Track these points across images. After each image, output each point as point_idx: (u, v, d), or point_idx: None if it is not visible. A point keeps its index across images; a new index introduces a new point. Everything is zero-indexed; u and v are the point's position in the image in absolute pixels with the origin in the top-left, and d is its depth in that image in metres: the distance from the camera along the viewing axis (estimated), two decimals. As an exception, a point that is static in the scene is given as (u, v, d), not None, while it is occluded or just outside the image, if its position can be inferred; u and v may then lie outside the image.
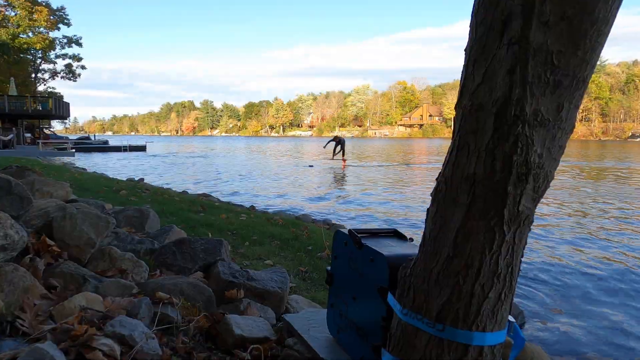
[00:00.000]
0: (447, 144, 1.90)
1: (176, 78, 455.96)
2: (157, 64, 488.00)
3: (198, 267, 4.02)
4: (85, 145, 54.10)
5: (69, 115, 56.15)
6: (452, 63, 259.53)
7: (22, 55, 58.99)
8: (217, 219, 8.23)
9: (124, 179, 19.07)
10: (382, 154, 53.36)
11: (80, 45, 64.85)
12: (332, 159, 33.70)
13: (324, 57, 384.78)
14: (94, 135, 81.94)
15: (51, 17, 58.82)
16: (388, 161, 39.02)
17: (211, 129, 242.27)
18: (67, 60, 65.14)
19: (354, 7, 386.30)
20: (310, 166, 31.58)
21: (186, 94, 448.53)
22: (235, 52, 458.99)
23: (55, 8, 59.84)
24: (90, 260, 3.67)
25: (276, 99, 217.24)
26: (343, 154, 32.72)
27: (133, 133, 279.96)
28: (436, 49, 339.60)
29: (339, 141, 32.88)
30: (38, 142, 42.10)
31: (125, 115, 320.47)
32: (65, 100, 52.69)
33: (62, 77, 66.37)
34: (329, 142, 33.61)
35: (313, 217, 11.56)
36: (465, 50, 1.81)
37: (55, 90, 67.98)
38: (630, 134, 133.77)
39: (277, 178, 24.06)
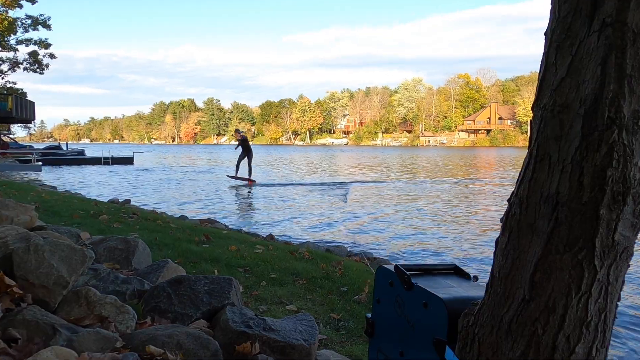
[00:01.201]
0: (522, 154, 1.91)
1: (172, 69, 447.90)
2: (147, 50, 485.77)
3: (200, 313, 4.05)
4: (56, 157, 54.75)
5: (34, 118, 56.96)
6: (529, 50, 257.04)
7: (-28, 42, 59.86)
8: (225, 252, 8.28)
9: (105, 200, 19.28)
10: (437, 167, 53.11)
11: (48, 27, 65.28)
12: (236, 177, 31.88)
13: (364, 43, 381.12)
14: (66, 144, 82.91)
15: (11, -9, 59.53)
16: (445, 176, 38.86)
17: (217, 135, 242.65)
18: (32, 47, 65.79)
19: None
20: (344, 192, 29.35)
21: (185, 91, 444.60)
22: (249, 35, 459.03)
23: (16, -20, 60.57)
24: (61, 305, 3.71)
25: (301, 96, 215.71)
26: (250, 171, 30.90)
27: (117, 141, 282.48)
28: (508, 31, 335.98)
29: (245, 145, 31.04)
30: (-5, 153, 42.72)
31: (106, 118, 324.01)
32: (29, 98, 53.42)
33: (25, 69, 66.90)
34: (240, 153, 31.29)
35: (349, 249, 11.56)
36: (545, 33, 1.83)
37: (17, 86, 68.70)
38: None
39: (303, 199, 24.07)
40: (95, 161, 55.32)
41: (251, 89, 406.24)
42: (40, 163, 43.55)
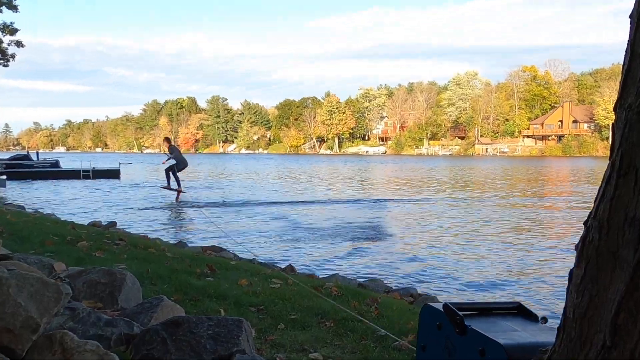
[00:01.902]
0: (602, 166, 1.90)
1: (169, 61, 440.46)
2: (138, 39, 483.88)
3: (203, 363, 4.06)
4: (24, 169, 55.08)
5: (-4, 122, 57.07)
6: (611, 37, 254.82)
7: None
8: (234, 287, 8.30)
9: (85, 222, 19.38)
10: (497, 182, 52.95)
11: (14, 8, 65.11)
12: (168, 187, 33.82)
13: (406, 28, 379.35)
14: (37, 153, 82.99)
15: (-34, -35, 59.83)
16: (506, 194, 38.74)
17: (224, 142, 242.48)
18: (-6, 34, 66.12)
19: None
20: (379, 216, 29.10)
21: (185, 88, 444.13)
22: (264, 20, 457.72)
23: (-27, -49, 60.82)
24: (30, 352, 3.73)
25: (328, 94, 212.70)
26: (178, 183, 32.55)
27: (99, 149, 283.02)
28: (588, 13, 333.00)
29: (175, 154, 33.03)
30: (-51, 165, 43.04)
31: (86, 121, 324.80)
32: (-8, 97, 53.64)
33: (-15, 61, 67.30)
34: (168, 158, 33.41)
35: (387, 284, 11.53)
36: (630, 16, 1.82)
37: (-24, 83, 69.03)
38: None
39: (330, 221, 24.05)
40: (73, 174, 55.62)
41: (266, 85, 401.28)
42: (4, 177, 43.84)
